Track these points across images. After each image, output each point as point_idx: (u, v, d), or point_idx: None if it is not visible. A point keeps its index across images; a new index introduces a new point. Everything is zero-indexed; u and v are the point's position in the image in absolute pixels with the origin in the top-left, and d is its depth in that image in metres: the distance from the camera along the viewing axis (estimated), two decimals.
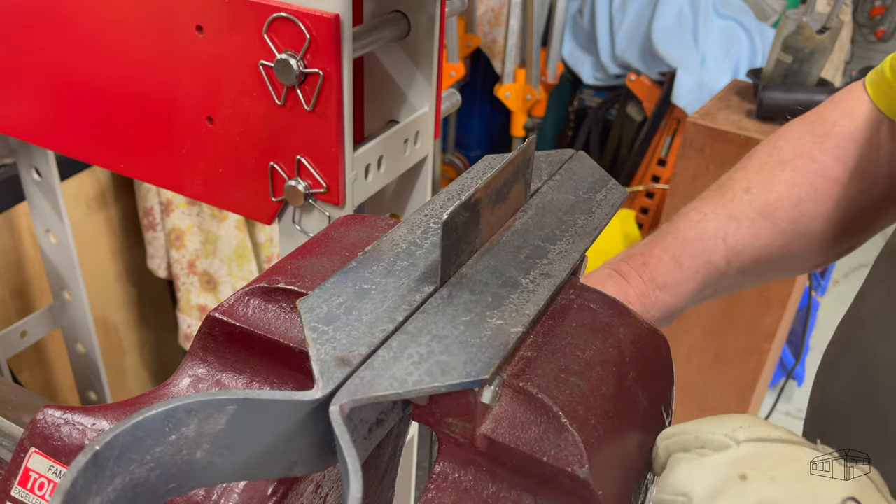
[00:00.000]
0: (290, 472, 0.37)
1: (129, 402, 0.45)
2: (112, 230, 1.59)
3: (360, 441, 0.41)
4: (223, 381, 0.45)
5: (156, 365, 1.84)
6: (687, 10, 2.42)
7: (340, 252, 0.48)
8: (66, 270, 1.20)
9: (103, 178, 1.52)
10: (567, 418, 0.37)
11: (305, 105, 0.64)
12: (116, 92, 0.76)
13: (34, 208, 1.14)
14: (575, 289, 0.47)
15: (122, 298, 1.68)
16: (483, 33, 2.68)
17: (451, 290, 0.43)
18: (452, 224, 0.42)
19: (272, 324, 0.44)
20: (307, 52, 0.62)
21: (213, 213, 1.55)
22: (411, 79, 0.77)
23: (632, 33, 2.52)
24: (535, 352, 0.41)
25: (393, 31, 0.73)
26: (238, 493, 0.42)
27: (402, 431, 0.50)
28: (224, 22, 0.65)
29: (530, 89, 2.52)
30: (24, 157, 1.08)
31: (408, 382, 0.36)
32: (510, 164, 0.48)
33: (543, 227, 0.50)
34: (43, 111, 0.82)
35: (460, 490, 0.40)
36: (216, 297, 1.60)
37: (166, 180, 0.78)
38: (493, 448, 0.39)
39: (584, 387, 0.39)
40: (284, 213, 0.73)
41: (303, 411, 0.35)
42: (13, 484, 0.45)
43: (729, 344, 1.68)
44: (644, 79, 2.52)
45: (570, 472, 0.36)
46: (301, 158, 0.68)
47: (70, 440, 0.44)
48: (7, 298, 1.42)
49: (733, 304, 1.63)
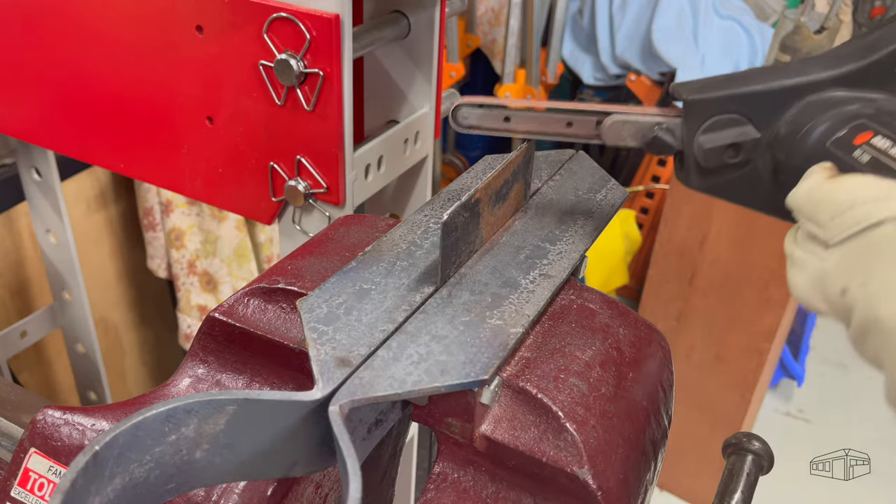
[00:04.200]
0: (290, 472, 0.37)
1: (129, 402, 0.45)
2: (112, 230, 1.59)
3: (360, 441, 0.41)
4: (223, 382, 0.45)
5: (156, 365, 1.84)
6: (687, 10, 2.42)
7: (340, 252, 0.48)
8: (66, 270, 1.20)
9: (103, 178, 1.52)
10: (566, 419, 0.37)
11: (305, 105, 0.64)
12: (116, 92, 0.76)
13: (34, 208, 1.14)
14: (575, 289, 0.47)
15: (122, 298, 1.68)
16: (483, 33, 2.68)
17: (451, 291, 0.43)
18: (452, 224, 0.42)
19: (272, 324, 0.44)
20: (307, 52, 0.62)
21: (213, 213, 1.55)
22: (411, 79, 0.77)
23: (632, 33, 2.52)
24: (535, 352, 0.41)
25: (393, 31, 0.73)
26: (238, 493, 0.42)
27: (402, 431, 0.50)
28: (224, 22, 0.65)
29: (530, 89, 2.52)
30: (24, 157, 1.08)
31: (407, 383, 0.36)
32: (510, 165, 0.48)
33: (543, 228, 0.50)
34: (43, 111, 0.82)
35: (460, 490, 0.40)
36: (216, 297, 1.60)
37: (166, 180, 0.78)
38: (492, 448, 0.39)
39: (583, 387, 0.39)
40: (284, 214, 0.73)
41: (302, 411, 0.35)
42: (13, 484, 0.45)
43: (729, 344, 1.68)
44: (644, 79, 2.52)
45: (569, 472, 0.36)
46: (301, 158, 0.68)
47: (70, 440, 0.44)
48: (7, 298, 1.42)
49: (733, 304, 1.63)
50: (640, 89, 2.54)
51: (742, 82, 0.45)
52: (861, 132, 0.40)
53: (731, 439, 0.48)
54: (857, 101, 0.42)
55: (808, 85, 0.43)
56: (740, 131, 0.44)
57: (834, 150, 0.40)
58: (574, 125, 0.48)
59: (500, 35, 2.61)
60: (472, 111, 0.49)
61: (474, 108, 0.49)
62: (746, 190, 0.46)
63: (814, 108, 0.42)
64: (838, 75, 0.43)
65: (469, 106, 0.49)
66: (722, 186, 0.46)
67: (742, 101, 0.44)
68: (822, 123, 0.42)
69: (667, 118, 0.46)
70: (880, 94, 0.42)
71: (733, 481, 0.46)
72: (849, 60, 0.43)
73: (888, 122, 0.40)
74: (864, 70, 0.42)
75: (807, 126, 0.42)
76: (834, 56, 0.44)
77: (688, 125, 0.45)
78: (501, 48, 2.54)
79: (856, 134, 0.40)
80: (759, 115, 0.44)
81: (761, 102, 0.44)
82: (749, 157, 0.45)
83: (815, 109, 0.42)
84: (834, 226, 0.35)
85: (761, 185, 0.45)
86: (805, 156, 0.42)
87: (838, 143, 0.41)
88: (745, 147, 0.44)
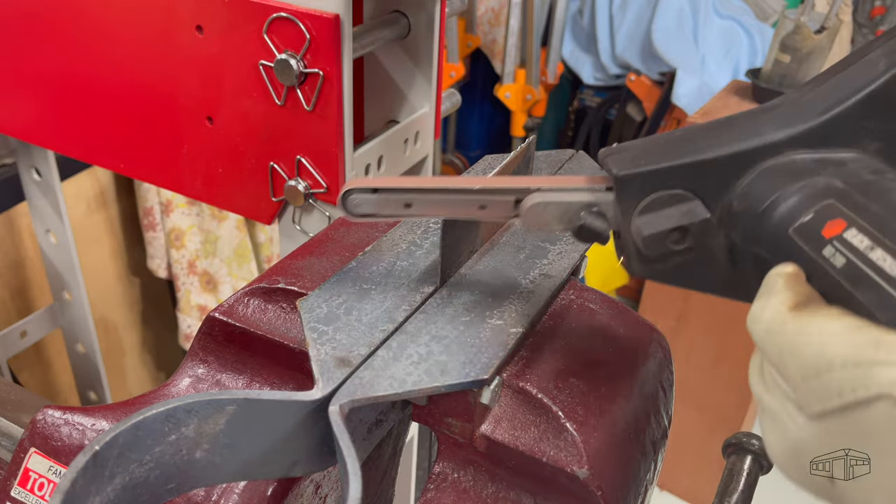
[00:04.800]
0: (290, 472, 0.37)
1: (129, 402, 0.45)
2: (112, 230, 1.59)
3: (360, 441, 0.41)
4: (223, 381, 0.45)
5: (156, 365, 1.84)
6: (687, 10, 2.42)
7: (340, 252, 0.48)
8: (66, 270, 1.20)
9: (103, 178, 1.52)
10: (566, 419, 0.37)
11: (305, 105, 0.64)
12: (116, 92, 0.76)
13: (34, 208, 1.14)
14: (575, 289, 0.47)
15: (122, 298, 1.68)
16: (483, 33, 2.68)
17: (451, 291, 0.43)
18: (452, 224, 0.42)
19: (272, 324, 0.44)
20: (307, 52, 0.62)
21: (213, 213, 1.55)
22: (411, 79, 0.77)
23: (632, 33, 2.52)
24: (535, 352, 0.41)
25: (393, 31, 0.73)
26: (238, 493, 0.42)
27: (402, 431, 0.50)
28: (224, 22, 0.65)
29: (530, 89, 2.52)
30: (24, 157, 1.08)
31: (407, 383, 0.36)
32: (510, 164, 0.48)
33: None
34: (43, 111, 0.82)
35: (460, 490, 0.40)
36: (216, 297, 1.60)
37: (166, 180, 0.78)
38: (492, 448, 0.39)
39: (583, 387, 0.39)
40: (284, 213, 0.73)
41: (302, 411, 0.35)
42: (13, 484, 0.45)
43: (729, 344, 1.68)
44: (644, 79, 2.52)
45: (569, 472, 0.36)
46: (301, 158, 0.68)
47: (70, 440, 0.44)
48: (7, 298, 1.42)
49: (733, 304, 1.62)
50: (640, 89, 2.54)
51: (683, 149, 0.36)
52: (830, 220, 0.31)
53: (731, 439, 0.48)
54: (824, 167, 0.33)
55: (763, 149, 0.35)
56: (685, 209, 0.36)
57: (798, 242, 0.32)
58: (488, 207, 0.40)
59: (500, 35, 2.61)
60: (364, 197, 0.40)
61: (367, 194, 0.40)
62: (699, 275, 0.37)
63: (773, 178, 0.34)
64: (798, 134, 0.34)
65: (361, 191, 0.40)
66: (670, 273, 0.38)
67: (684, 172, 0.35)
68: (783, 200, 0.33)
69: (598, 195, 0.38)
70: (849, 152, 0.34)
71: (733, 481, 0.46)
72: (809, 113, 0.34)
73: (863, 206, 0.30)
74: (829, 125, 0.34)
75: (766, 202, 0.34)
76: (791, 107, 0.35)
77: (621, 205, 0.37)
78: (501, 48, 2.54)
79: (824, 222, 0.31)
80: (706, 188, 0.36)
81: (707, 173, 0.35)
82: (701, 240, 0.36)
83: (775, 179, 0.34)
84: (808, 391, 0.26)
85: (717, 267, 0.37)
86: (765, 243, 0.34)
87: (803, 232, 0.32)
88: (694, 230, 0.36)
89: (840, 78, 0.35)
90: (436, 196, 0.40)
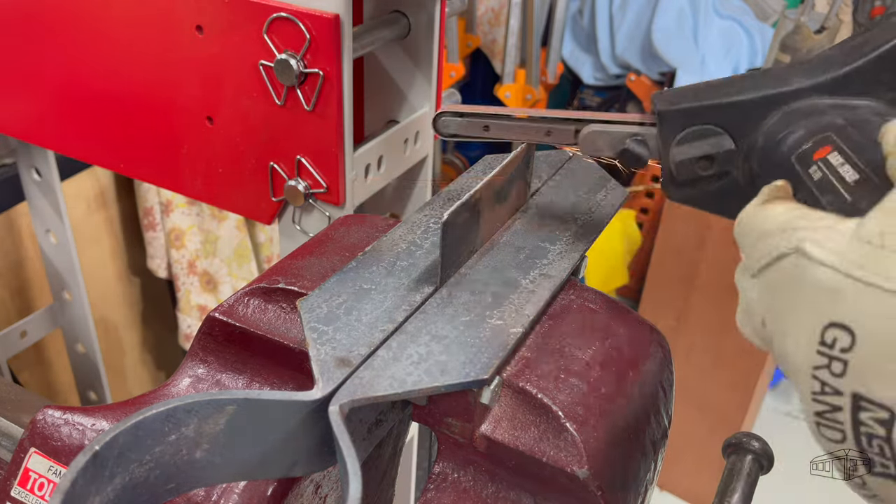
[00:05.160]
0: (290, 472, 0.37)
1: (129, 402, 0.45)
2: (112, 230, 1.59)
3: (360, 441, 0.41)
4: (223, 381, 0.45)
5: (156, 365, 1.84)
6: (687, 10, 2.42)
7: (340, 252, 0.48)
8: (66, 270, 1.20)
9: (103, 178, 1.52)
10: (566, 418, 0.37)
11: (305, 105, 0.64)
12: (116, 92, 0.76)
13: (34, 208, 1.14)
14: (575, 289, 0.47)
15: (122, 298, 1.68)
16: (483, 33, 2.68)
17: (451, 291, 0.43)
18: (452, 224, 0.42)
19: (272, 324, 0.44)
20: (307, 52, 0.62)
21: (213, 213, 1.55)
22: (411, 79, 0.77)
23: (632, 33, 2.52)
24: (535, 352, 0.41)
25: (393, 31, 0.73)
26: (238, 493, 0.42)
27: (402, 431, 0.50)
28: (224, 22, 0.65)
29: (530, 89, 2.52)
30: (24, 157, 1.08)
31: (407, 383, 0.36)
32: (510, 165, 0.48)
33: (543, 228, 0.50)
34: (43, 111, 0.82)
35: (460, 490, 0.40)
36: (216, 297, 1.60)
37: (166, 180, 0.78)
38: (492, 448, 0.39)
39: (583, 387, 0.39)
40: (284, 213, 0.73)
41: (302, 411, 0.35)
42: (13, 484, 0.45)
43: (729, 344, 1.68)
44: (644, 79, 2.52)
45: (569, 472, 0.36)
46: (301, 158, 0.68)
47: (70, 440, 0.44)
48: (7, 298, 1.42)
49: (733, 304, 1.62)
50: (640, 89, 2.54)
51: (720, 91, 0.43)
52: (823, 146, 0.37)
53: (731, 439, 0.48)
54: (836, 110, 0.39)
55: (788, 94, 0.41)
56: (714, 142, 0.43)
57: (796, 165, 0.38)
58: (552, 134, 0.48)
59: (500, 35, 2.60)
60: (452, 120, 0.49)
61: (454, 118, 0.49)
62: (725, 201, 0.44)
63: (792, 118, 0.40)
64: (821, 82, 0.40)
65: (450, 115, 0.49)
66: (700, 197, 0.45)
67: (717, 111, 0.42)
68: (792, 133, 0.39)
69: (644, 128, 0.45)
70: (865, 100, 0.39)
71: (733, 481, 0.46)
72: (833, 66, 0.40)
73: (851, 136, 0.36)
74: (849, 75, 0.40)
75: (781, 135, 0.40)
76: (820, 61, 0.41)
77: (662, 137, 0.44)
78: (501, 48, 2.54)
79: (818, 148, 0.37)
80: (735, 125, 0.42)
81: (738, 112, 0.42)
82: (725, 168, 0.43)
83: (794, 118, 0.40)
84: (752, 256, 0.33)
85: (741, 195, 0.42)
86: (773, 168, 0.40)
87: (801, 157, 0.38)
88: (720, 159, 0.43)
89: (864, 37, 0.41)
90: (510, 122, 0.48)
